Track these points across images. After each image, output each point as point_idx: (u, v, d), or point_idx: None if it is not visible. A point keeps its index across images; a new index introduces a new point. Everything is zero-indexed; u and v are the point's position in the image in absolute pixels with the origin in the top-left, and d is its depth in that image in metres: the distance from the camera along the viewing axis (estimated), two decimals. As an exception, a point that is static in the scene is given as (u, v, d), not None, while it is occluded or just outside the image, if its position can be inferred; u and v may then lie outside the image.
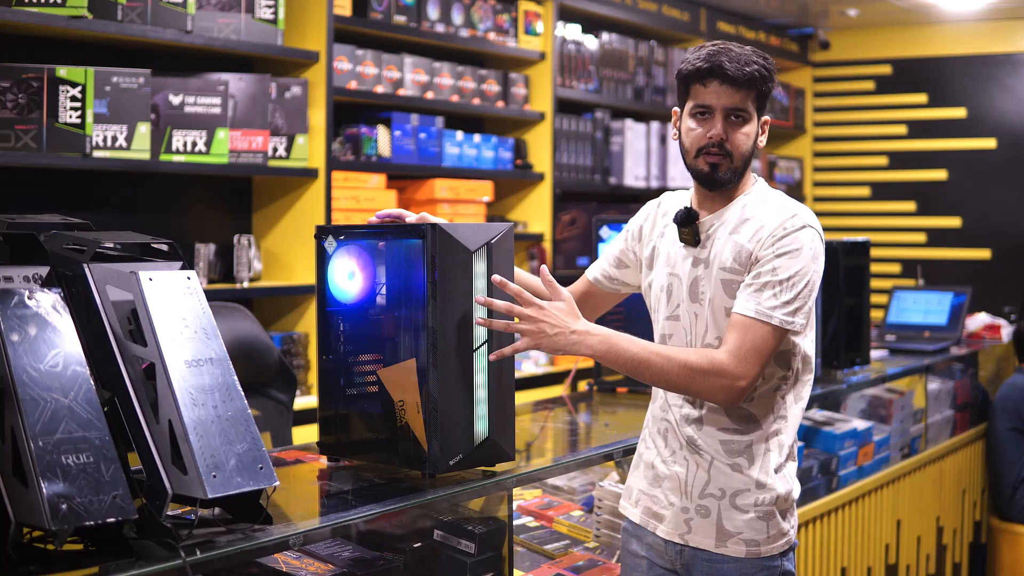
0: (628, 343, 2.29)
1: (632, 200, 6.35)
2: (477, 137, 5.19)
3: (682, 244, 2.44)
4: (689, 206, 2.44)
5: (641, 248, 2.57)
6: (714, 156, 2.36)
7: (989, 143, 7.41)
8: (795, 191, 7.81)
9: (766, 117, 2.44)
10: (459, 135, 5.09)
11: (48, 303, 1.83)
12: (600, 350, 2.27)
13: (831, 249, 4.09)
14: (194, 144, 3.98)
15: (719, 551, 2.38)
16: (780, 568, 2.40)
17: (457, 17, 5.06)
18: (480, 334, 2.35)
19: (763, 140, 2.45)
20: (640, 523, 2.51)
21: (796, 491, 2.45)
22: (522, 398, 2.86)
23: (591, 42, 5.88)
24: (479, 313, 2.33)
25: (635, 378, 2.33)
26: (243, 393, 1.93)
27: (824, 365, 4.05)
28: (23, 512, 1.72)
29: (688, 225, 2.41)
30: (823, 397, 4.03)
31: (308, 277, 4.35)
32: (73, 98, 3.66)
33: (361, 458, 2.51)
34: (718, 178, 2.37)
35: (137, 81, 3.79)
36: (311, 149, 4.38)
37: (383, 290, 2.41)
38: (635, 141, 6.10)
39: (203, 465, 1.82)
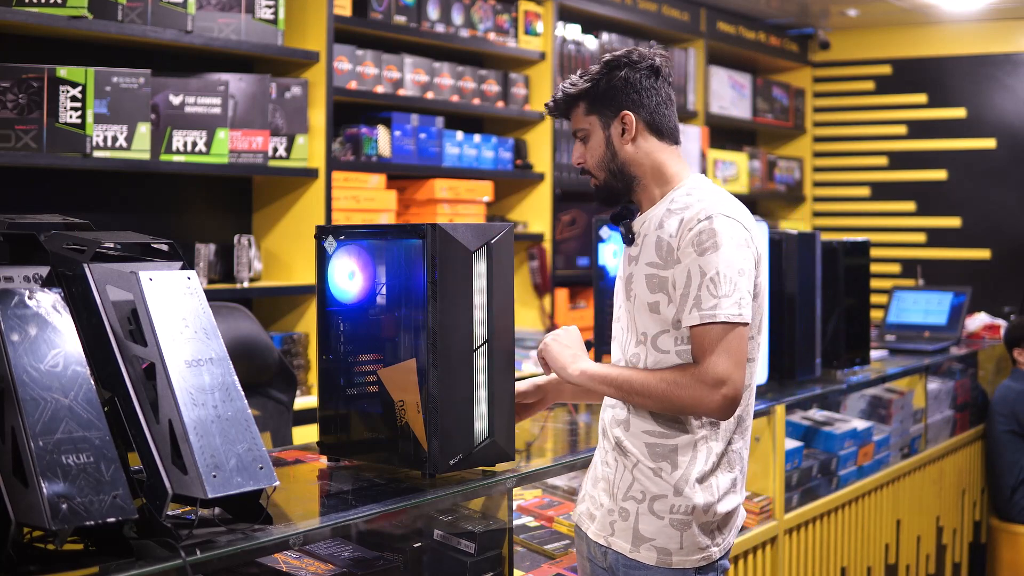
0: (616, 369, 2.36)
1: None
2: (477, 137, 5.19)
3: (624, 245, 2.46)
4: (630, 205, 2.47)
5: None
6: (590, 176, 2.48)
7: (989, 143, 7.41)
8: (795, 191, 7.81)
9: (623, 112, 2.38)
10: (459, 135, 5.09)
11: (48, 303, 1.83)
12: (580, 379, 2.37)
13: (831, 249, 4.09)
14: (194, 144, 3.98)
15: (632, 556, 2.34)
16: None
17: (457, 17, 5.06)
18: (480, 334, 2.35)
19: (627, 135, 2.39)
20: (576, 522, 2.51)
21: (727, 506, 2.35)
22: (522, 398, 2.86)
23: (591, 42, 5.88)
24: (479, 314, 2.34)
25: (628, 402, 2.36)
26: (243, 393, 1.93)
27: (824, 365, 4.04)
28: (23, 512, 1.72)
29: (619, 222, 2.45)
30: (823, 397, 4.03)
31: (308, 277, 4.35)
32: (73, 98, 3.66)
33: (361, 458, 2.51)
34: (598, 196, 2.49)
35: (137, 81, 3.79)
36: (311, 149, 4.38)
37: (383, 290, 2.41)
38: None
39: (203, 465, 1.82)
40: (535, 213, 5.53)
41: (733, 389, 2.24)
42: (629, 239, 2.41)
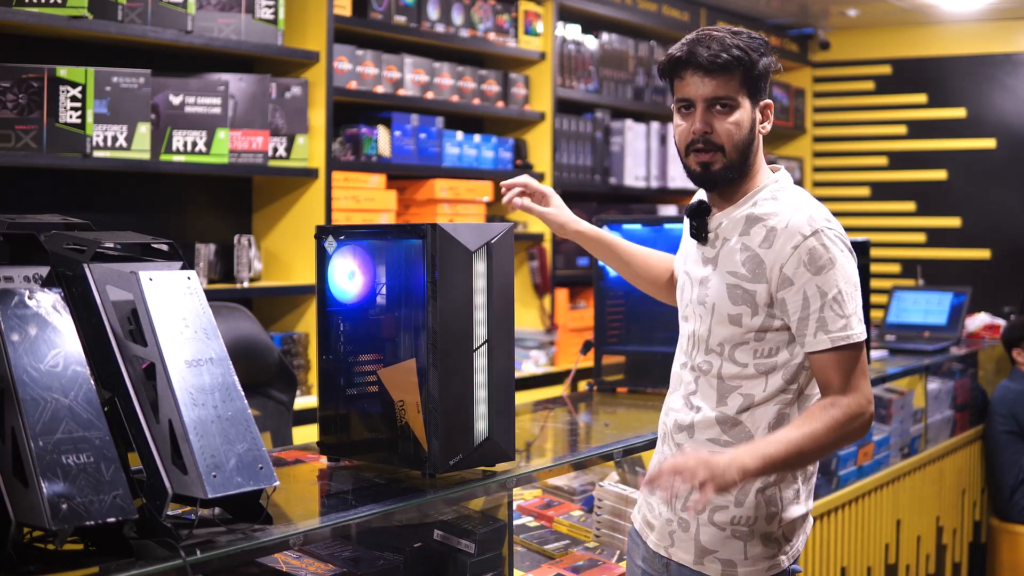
0: (776, 444, 2.14)
1: (632, 200, 6.34)
2: (477, 137, 5.19)
3: (694, 241, 2.34)
4: (704, 200, 2.34)
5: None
6: (703, 153, 2.24)
7: (989, 143, 7.41)
8: (795, 191, 7.80)
9: (766, 101, 2.28)
10: (459, 135, 5.09)
11: (48, 303, 1.83)
12: (757, 466, 2.11)
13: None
14: (194, 144, 3.98)
15: (697, 568, 2.30)
16: None
17: (457, 17, 5.06)
18: (480, 334, 2.35)
19: (766, 127, 2.29)
20: (638, 530, 2.46)
21: (790, 515, 2.29)
22: (522, 398, 2.87)
23: (591, 42, 5.88)
24: (479, 314, 2.34)
25: (799, 468, 2.26)
26: (243, 393, 1.93)
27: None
28: (23, 512, 1.72)
29: (698, 218, 2.31)
30: (823, 397, 4.02)
31: (308, 277, 4.35)
32: (73, 98, 3.66)
33: (361, 458, 2.51)
34: (712, 177, 2.26)
35: (137, 81, 3.79)
36: (311, 149, 4.38)
37: (383, 290, 2.41)
38: (635, 141, 6.10)
39: (203, 465, 1.82)
40: (535, 213, 5.51)
41: (873, 406, 2.20)
42: (704, 237, 2.31)
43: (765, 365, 2.25)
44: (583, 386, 3.91)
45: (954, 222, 7.49)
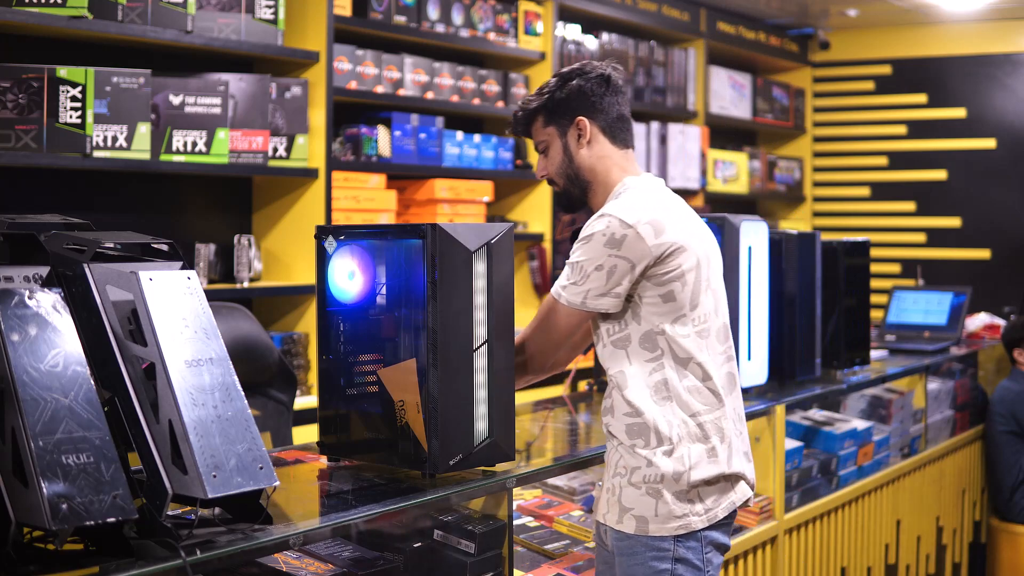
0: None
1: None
2: (477, 137, 5.19)
3: None
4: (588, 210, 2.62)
5: None
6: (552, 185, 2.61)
7: (989, 143, 7.41)
8: (795, 191, 7.81)
9: (578, 118, 2.51)
10: (459, 135, 5.09)
11: (48, 303, 1.83)
12: None
13: (831, 249, 4.09)
14: (194, 144, 3.98)
15: (617, 527, 2.44)
16: (672, 553, 2.39)
17: (457, 17, 5.06)
18: (480, 334, 2.35)
19: (583, 141, 2.53)
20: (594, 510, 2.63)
21: (701, 474, 2.39)
22: (522, 398, 2.87)
23: (591, 42, 5.88)
24: (479, 314, 2.34)
25: None
26: (243, 393, 1.93)
27: (824, 365, 4.04)
28: (23, 512, 1.72)
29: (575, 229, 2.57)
30: (823, 397, 4.02)
31: (308, 277, 4.35)
32: (73, 98, 3.66)
33: (361, 458, 2.51)
34: (558, 201, 2.67)
35: (137, 81, 3.79)
36: (311, 149, 4.38)
37: (383, 290, 2.41)
38: (634, 141, 6.09)
39: (203, 465, 1.82)
40: (535, 213, 5.52)
41: (543, 349, 2.50)
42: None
43: (619, 341, 2.45)
44: (583, 386, 3.91)
45: (954, 222, 7.49)
